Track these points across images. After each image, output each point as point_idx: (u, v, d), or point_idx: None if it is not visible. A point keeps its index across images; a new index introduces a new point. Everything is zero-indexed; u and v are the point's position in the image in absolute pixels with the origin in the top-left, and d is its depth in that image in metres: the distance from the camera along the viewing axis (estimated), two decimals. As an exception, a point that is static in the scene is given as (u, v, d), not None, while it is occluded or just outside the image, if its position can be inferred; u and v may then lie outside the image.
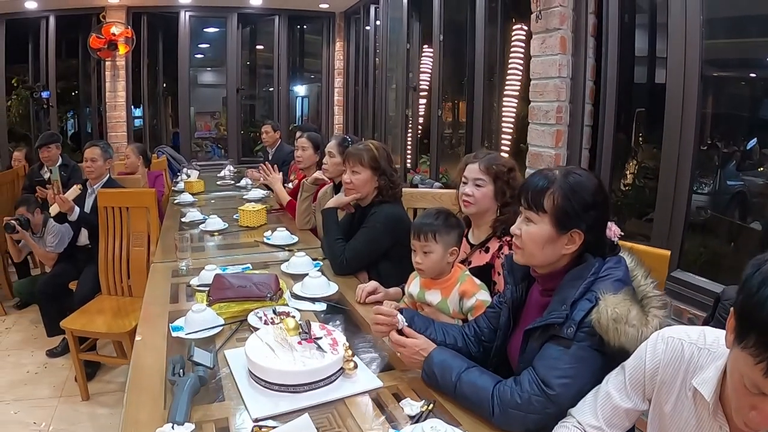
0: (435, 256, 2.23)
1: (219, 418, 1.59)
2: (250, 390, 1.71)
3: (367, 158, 3.00)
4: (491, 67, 4.85)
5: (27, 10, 7.96)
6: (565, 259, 1.65)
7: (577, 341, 1.50)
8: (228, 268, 2.93)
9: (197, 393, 1.66)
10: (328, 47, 9.18)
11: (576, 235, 1.60)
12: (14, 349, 4.50)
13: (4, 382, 3.95)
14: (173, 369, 1.74)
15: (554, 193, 1.61)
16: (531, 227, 1.64)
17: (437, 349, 1.79)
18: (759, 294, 1.00)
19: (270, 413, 1.56)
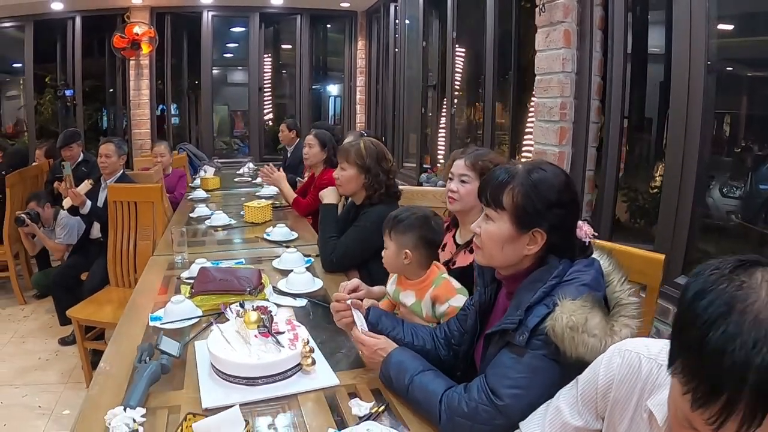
0: (389, 252, 2.23)
1: (173, 405, 1.63)
2: (208, 380, 1.74)
3: (353, 156, 3.01)
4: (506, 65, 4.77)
5: (53, 11, 8.18)
6: (528, 260, 1.55)
7: (531, 349, 1.40)
8: (221, 262, 2.97)
9: (157, 380, 1.70)
10: (350, 46, 9.20)
11: (538, 234, 1.50)
12: (29, 336, 4.71)
13: (17, 367, 4.15)
14: (140, 356, 1.79)
15: (514, 189, 1.50)
16: (490, 225, 1.55)
17: (397, 349, 1.74)
18: (690, 309, 0.87)
19: (221, 404, 1.58)
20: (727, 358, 0.80)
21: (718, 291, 0.85)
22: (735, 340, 0.81)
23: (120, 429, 1.45)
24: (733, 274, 0.87)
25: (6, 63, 9.36)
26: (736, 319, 0.82)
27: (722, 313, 0.83)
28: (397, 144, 7.40)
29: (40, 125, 8.93)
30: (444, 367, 1.75)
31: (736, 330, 0.81)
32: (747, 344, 0.80)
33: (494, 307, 1.71)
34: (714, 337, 0.82)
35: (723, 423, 0.82)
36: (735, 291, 0.85)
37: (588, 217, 3.53)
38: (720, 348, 0.81)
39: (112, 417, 1.49)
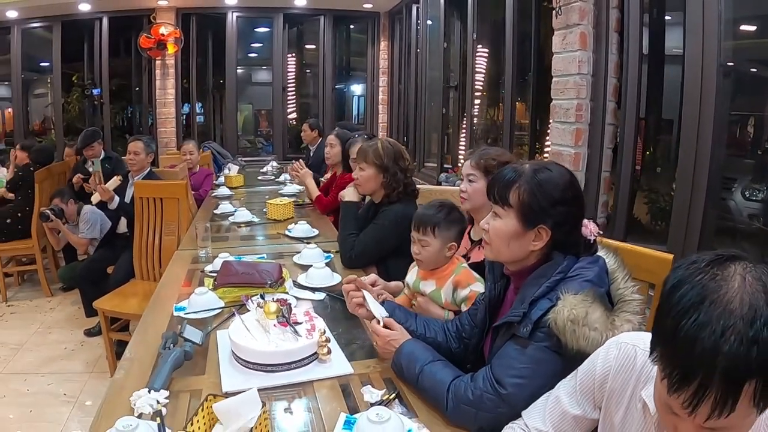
0: (432, 249, 2.28)
1: (195, 389, 1.72)
2: (228, 367, 1.83)
3: (371, 155, 3.06)
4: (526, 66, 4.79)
5: (81, 12, 8.37)
6: (534, 256, 1.61)
7: (535, 341, 1.47)
8: (244, 257, 3.06)
9: (180, 366, 1.79)
10: (373, 47, 9.27)
11: (543, 231, 1.56)
12: (56, 327, 4.87)
13: (43, 357, 4.30)
14: (165, 343, 1.88)
15: (520, 187, 1.57)
16: (497, 222, 1.62)
17: (409, 340, 1.81)
18: (667, 300, 0.95)
19: (240, 388, 1.63)
20: (698, 345, 0.87)
21: (693, 282, 0.92)
22: (705, 329, 0.87)
23: (144, 409, 1.54)
24: (708, 267, 0.94)
25: (34, 62, 9.53)
26: (707, 308, 0.89)
27: (695, 303, 0.90)
28: (419, 144, 7.44)
29: (67, 123, 9.15)
30: (454, 359, 1.81)
31: (706, 319, 0.88)
32: (716, 332, 0.86)
33: (503, 302, 1.77)
34: (686, 326, 0.89)
35: (696, 406, 0.89)
36: (708, 282, 0.91)
37: (604, 218, 3.57)
38: (691, 336, 0.88)
39: (137, 398, 1.58)
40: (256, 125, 10.55)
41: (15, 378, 4.01)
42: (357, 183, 3.17)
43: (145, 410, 1.55)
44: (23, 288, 5.98)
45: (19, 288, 5.97)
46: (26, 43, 8.81)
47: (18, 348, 4.48)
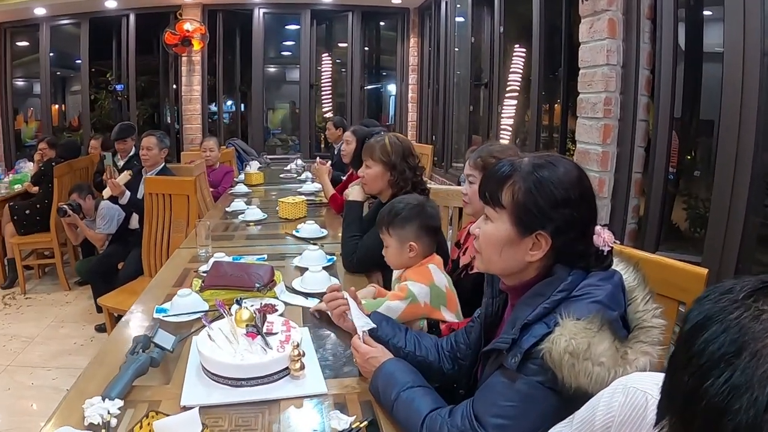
0: (391, 249, 2.19)
1: (153, 400, 1.59)
2: (194, 378, 1.70)
3: (378, 152, 2.91)
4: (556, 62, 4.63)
5: (108, 9, 8.52)
6: (533, 268, 1.36)
7: (525, 375, 1.23)
8: (243, 257, 2.95)
9: (144, 373, 1.68)
10: (402, 44, 9.16)
11: (542, 238, 1.31)
12: (68, 321, 4.91)
13: (52, 351, 4.34)
14: (134, 347, 1.77)
15: (515, 184, 1.33)
16: (488, 226, 1.38)
17: (391, 360, 1.61)
18: (686, 346, 0.67)
19: (199, 402, 1.53)
20: (729, 420, 0.59)
21: (726, 322, 0.64)
22: (742, 396, 0.59)
23: (94, 419, 1.45)
24: (749, 299, 0.65)
25: (70, 59, 9.70)
26: (747, 363, 0.60)
27: (727, 355, 0.62)
28: (447, 143, 7.32)
29: (98, 119, 9.24)
30: (448, 382, 1.66)
31: (743, 380, 0.59)
32: (759, 403, 0.58)
33: (501, 321, 1.53)
34: (713, 389, 0.61)
35: None
36: (748, 323, 0.63)
37: (634, 224, 3.38)
38: (719, 405, 0.60)
39: (89, 406, 1.49)
40: (294, 123, 10.48)
41: (22, 371, 4.04)
42: (363, 181, 3.02)
43: (95, 420, 1.46)
44: (43, 281, 6.06)
45: (39, 281, 6.06)
46: (57, 39, 9.00)
47: (29, 341, 4.52)
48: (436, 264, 2.17)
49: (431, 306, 2.07)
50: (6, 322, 4.94)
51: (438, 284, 2.10)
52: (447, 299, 2.10)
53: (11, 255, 5.75)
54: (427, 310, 2.06)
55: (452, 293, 2.14)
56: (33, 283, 5.95)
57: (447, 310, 2.09)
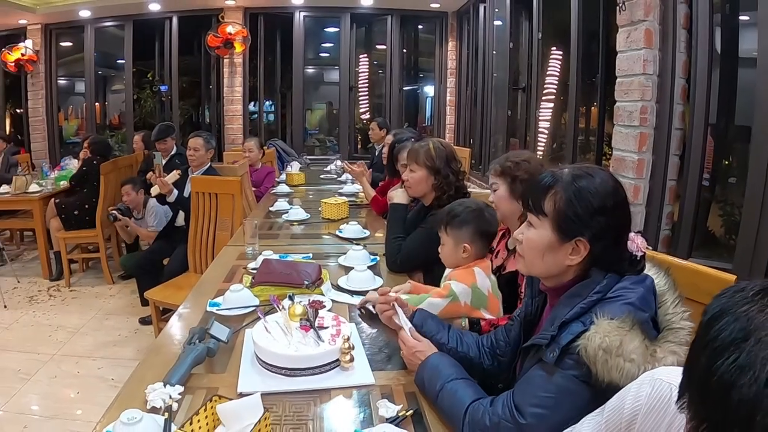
0: (446, 247, 2.26)
1: (210, 387, 1.69)
2: (249, 367, 1.79)
3: (422, 157, 2.98)
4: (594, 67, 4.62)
5: (151, 12, 8.75)
6: (571, 271, 1.45)
7: (562, 369, 1.32)
8: (289, 255, 3.03)
9: (201, 362, 1.78)
10: (440, 47, 9.17)
11: (581, 244, 1.40)
12: (113, 314, 5.08)
13: (98, 342, 4.49)
14: (191, 338, 1.87)
15: (557, 194, 1.42)
16: (531, 232, 1.48)
17: (436, 354, 1.71)
18: (703, 334, 0.78)
19: (255, 389, 1.61)
20: (735, 393, 0.69)
21: (737, 314, 0.74)
22: (746, 374, 0.69)
23: (156, 402, 1.54)
24: (758, 296, 0.75)
25: (111, 59, 10.06)
26: (752, 347, 0.70)
27: (735, 340, 0.72)
28: (485, 147, 7.34)
29: (140, 119, 9.51)
30: (487, 377, 1.73)
31: (748, 361, 0.69)
32: (760, 380, 0.68)
33: (540, 320, 1.62)
34: (722, 368, 0.71)
35: None
36: (756, 315, 0.73)
37: (668, 230, 3.40)
38: (728, 381, 0.70)
39: (151, 391, 1.59)
40: (329, 124, 10.57)
41: (68, 360, 4.18)
42: (407, 185, 3.10)
43: (157, 404, 1.55)
44: (87, 274, 6.25)
45: (83, 274, 6.26)
46: (100, 41, 9.28)
47: (75, 332, 4.68)
48: (482, 268, 2.23)
49: (471, 306, 2.13)
50: (52, 313, 5.12)
51: (480, 286, 2.16)
52: (488, 302, 2.16)
53: (56, 248, 5.96)
54: (466, 310, 2.13)
55: (495, 297, 2.20)
56: (77, 276, 6.15)
57: (487, 311, 2.15)
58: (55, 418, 3.43)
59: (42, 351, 4.31)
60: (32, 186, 6.33)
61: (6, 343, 4.49)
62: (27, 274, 6.23)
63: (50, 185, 6.56)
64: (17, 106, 10.17)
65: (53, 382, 3.88)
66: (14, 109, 10.30)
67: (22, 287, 5.83)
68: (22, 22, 8.97)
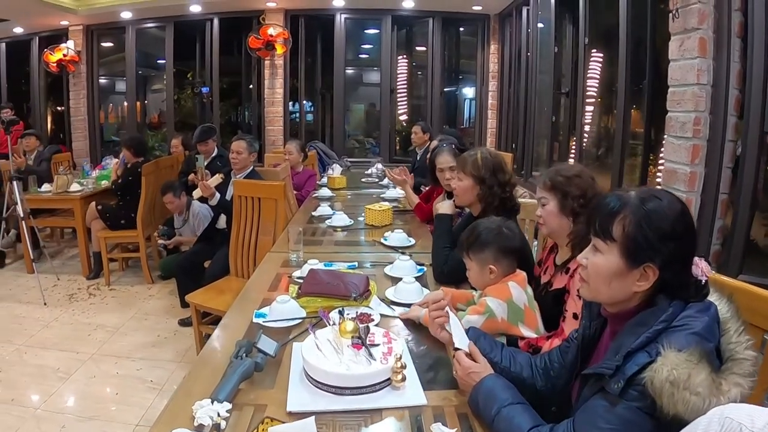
0: (472, 272, 2.25)
1: (259, 404, 1.65)
2: (298, 384, 1.75)
3: (469, 166, 2.95)
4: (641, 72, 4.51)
5: (192, 13, 8.83)
6: (637, 298, 1.40)
7: (626, 400, 1.27)
8: (334, 264, 3.00)
9: (249, 377, 1.74)
10: (482, 50, 9.09)
11: (650, 270, 1.35)
12: (152, 314, 5.09)
13: (137, 342, 4.50)
14: (238, 351, 1.83)
15: (626, 218, 1.37)
16: (597, 258, 1.43)
17: (491, 375, 1.66)
18: None
19: (305, 408, 1.59)
20: None
21: None
22: None
23: (203, 420, 1.51)
24: None
25: (151, 59, 10.24)
26: None
27: None
28: (527, 152, 7.25)
29: (180, 119, 9.63)
30: (539, 398, 1.67)
31: None
32: None
33: (598, 344, 1.58)
34: None
35: None
36: None
37: (718, 245, 3.29)
38: None
39: (199, 408, 1.56)
40: (368, 125, 10.56)
41: (107, 360, 4.20)
42: (455, 192, 3.07)
43: (205, 422, 1.52)
44: (126, 274, 6.31)
45: (123, 273, 6.31)
46: (141, 41, 9.42)
47: (114, 331, 4.71)
48: (518, 281, 2.19)
49: (508, 322, 2.09)
50: (91, 312, 5.16)
51: (516, 301, 2.12)
52: (525, 316, 2.12)
53: (96, 248, 6.02)
54: (504, 326, 2.09)
55: (531, 310, 2.15)
56: (117, 275, 6.21)
57: (525, 326, 2.11)
58: (93, 419, 3.44)
59: (81, 350, 4.34)
60: (73, 185, 6.43)
61: (45, 341, 4.53)
62: (67, 272, 6.32)
63: (91, 184, 6.67)
64: (59, 104, 10.37)
65: (92, 381, 3.90)
66: (55, 107, 10.49)
67: (61, 285, 5.91)
68: (63, 23, 9.15)
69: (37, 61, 9.72)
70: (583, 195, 2.13)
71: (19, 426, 3.36)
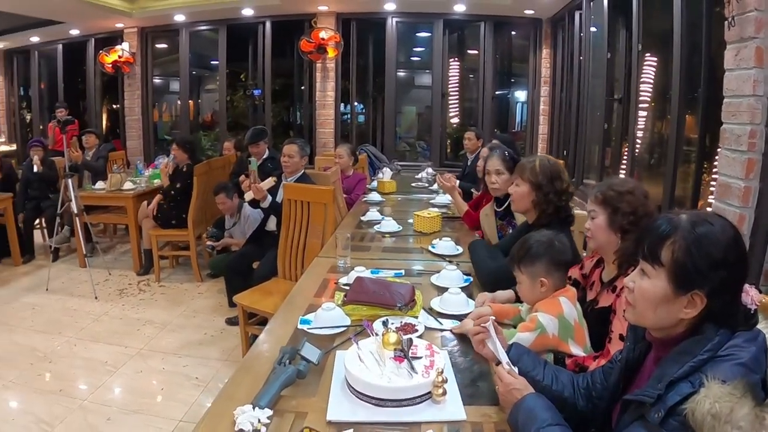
0: (523, 285, 2.22)
1: (300, 411, 1.68)
2: (339, 393, 1.77)
3: (527, 172, 2.93)
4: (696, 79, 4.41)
5: (245, 17, 9.05)
6: (683, 324, 1.38)
7: (666, 430, 1.24)
8: (381, 271, 3.01)
9: (290, 384, 1.77)
10: (534, 54, 8.99)
11: (697, 298, 1.32)
12: (201, 312, 5.19)
13: (184, 340, 4.59)
14: (281, 358, 1.86)
15: (675, 243, 1.34)
16: (644, 282, 1.41)
17: (532, 395, 1.63)
18: None
19: (345, 419, 1.61)
20: None
21: None
22: None
23: (244, 426, 1.54)
24: None
25: (205, 60, 10.54)
26: None
27: None
28: (579, 158, 7.16)
29: (233, 119, 9.79)
30: (580, 418, 1.66)
31: None
32: None
33: (641, 368, 1.55)
34: None
35: None
36: None
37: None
38: None
39: (240, 413, 1.59)
40: (419, 128, 10.55)
41: (154, 356, 4.30)
42: (511, 199, 3.07)
43: (246, 427, 1.55)
44: (176, 271, 6.45)
45: (173, 271, 6.46)
46: (194, 43, 9.68)
47: (162, 327, 4.82)
48: (568, 297, 2.16)
49: (559, 338, 2.06)
50: (141, 307, 5.30)
51: (567, 316, 2.09)
52: (575, 332, 2.09)
53: (147, 246, 6.17)
54: (555, 342, 2.06)
55: (581, 327, 2.12)
56: (167, 272, 6.35)
57: (575, 343, 2.07)
58: (138, 413, 3.52)
59: (130, 344, 4.45)
60: (127, 183, 6.64)
61: (95, 335, 4.66)
62: (118, 267, 6.50)
63: (144, 183, 6.84)
64: (113, 103, 10.70)
65: (138, 376, 3.99)
66: (110, 105, 10.78)
67: (112, 279, 6.08)
68: (118, 25, 9.49)
69: (93, 61, 10.09)
70: (633, 212, 2.09)
71: (66, 416, 3.46)
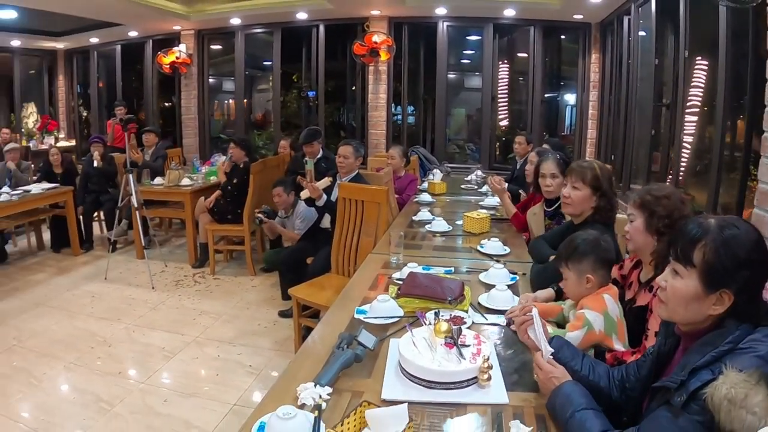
0: (569, 282, 2.31)
1: (357, 391, 1.84)
2: (392, 376, 1.93)
3: (589, 176, 2.98)
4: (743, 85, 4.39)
5: (299, 20, 9.27)
6: (710, 320, 1.50)
7: (688, 413, 1.35)
8: (432, 268, 3.16)
9: (348, 366, 1.94)
10: (583, 58, 8.95)
11: (725, 295, 1.45)
12: (254, 304, 5.41)
13: (238, 330, 4.81)
14: (340, 343, 2.04)
15: (706, 245, 1.46)
16: (677, 282, 1.53)
17: (570, 381, 1.76)
18: None
19: (398, 398, 1.76)
20: None
21: None
22: None
23: (307, 401, 1.72)
24: None
25: (258, 61, 10.83)
26: None
27: None
28: (627, 163, 7.15)
29: (285, 119, 10.03)
30: (613, 408, 1.76)
31: None
32: None
33: (671, 361, 1.66)
34: None
35: None
36: None
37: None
38: None
39: (303, 389, 1.77)
40: (468, 130, 10.60)
41: (210, 344, 4.52)
42: (568, 201, 3.09)
43: (307, 402, 1.72)
44: (230, 265, 6.69)
45: (227, 264, 6.70)
46: (249, 44, 9.94)
47: (217, 318, 5.04)
48: (611, 294, 2.25)
49: (605, 333, 2.16)
50: (196, 298, 5.54)
51: (611, 313, 2.18)
52: (618, 328, 2.18)
53: (204, 240, 6.46)
54: (600, 337, 2.15)
55: (622, 324, 2.22)
56: (221, 265, 6.60)
57: (617, 339, 2.17)
58: (194, 396, 3.72)
59: (186, 333, 4.69)
60: (184, 180, 6.92)
61: (153, 323, 4.92)
62: (174, 260, 6.81)
63: (201, 180, 7.12)
64: (167, 101, 11.10)
65: (194, 362, 4.21)
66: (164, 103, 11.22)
67: (169, 271, 6.38)
68: (176, 27, 9.86)
69: (151, 62, 10.47)
70: (669, 215, 2.16)
71: (125, 396, 3.68)
